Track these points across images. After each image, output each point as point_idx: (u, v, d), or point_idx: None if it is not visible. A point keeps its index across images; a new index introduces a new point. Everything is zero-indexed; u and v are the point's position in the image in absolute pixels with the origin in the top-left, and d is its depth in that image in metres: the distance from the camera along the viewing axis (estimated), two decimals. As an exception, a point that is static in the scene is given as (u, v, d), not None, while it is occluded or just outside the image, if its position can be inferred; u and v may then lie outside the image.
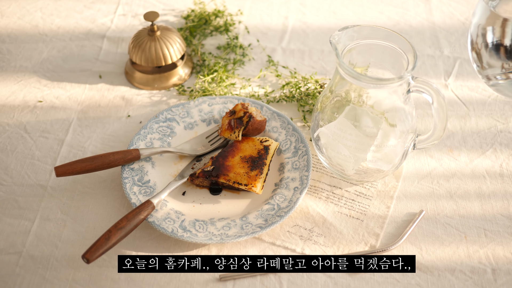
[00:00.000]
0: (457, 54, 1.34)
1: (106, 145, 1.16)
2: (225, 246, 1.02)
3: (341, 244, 1.02)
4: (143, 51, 1.24)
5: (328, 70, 1.31)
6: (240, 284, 0.97)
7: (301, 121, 1.20)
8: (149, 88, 1.26)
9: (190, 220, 1.02)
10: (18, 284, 0.97)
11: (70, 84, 1.28)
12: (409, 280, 0.98)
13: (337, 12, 1.45)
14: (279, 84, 1.28)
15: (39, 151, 1.15)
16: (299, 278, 0.98)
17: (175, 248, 1.01)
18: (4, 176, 1.11)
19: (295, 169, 1.09)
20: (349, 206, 1.07)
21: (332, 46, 0.98)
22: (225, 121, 1.12)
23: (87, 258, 0.92)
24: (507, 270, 0.99)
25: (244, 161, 1.07)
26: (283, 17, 1.44)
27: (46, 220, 1.05)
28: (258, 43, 1.37)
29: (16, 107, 1.23)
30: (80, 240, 1.02)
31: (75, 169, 1.04)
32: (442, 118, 1.00)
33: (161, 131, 1.15)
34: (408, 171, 1.12)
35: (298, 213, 1.05)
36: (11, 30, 1.39)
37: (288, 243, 1.02)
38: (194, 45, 1.35)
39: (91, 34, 1.39)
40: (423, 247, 1.01)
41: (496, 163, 1.13)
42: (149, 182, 1.07)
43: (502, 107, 1.23)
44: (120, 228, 0.96)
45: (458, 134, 1.18)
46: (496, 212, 1.06)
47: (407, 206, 1.07)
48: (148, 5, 1.46)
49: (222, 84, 1.25)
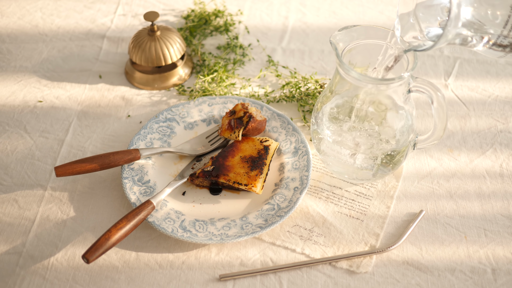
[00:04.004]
0: (457, 54, 1.34)
1: (106, 145, 1.16)
2: (225, 246, 1.02)
3: (341, 244, 1.02)
4: (143, 51, 1.24)
5: (328, 70, 1.31)
6: (240, 284, 0.97)
7: (301, 121, 1.20)
8: (149, 88, 1.26)
9: (190, 220, 1.02)
10: (18, 284, 0.97)
11: (70, 84, 1.28)
12: (409, 280, 0.98)
13: (337, 12, 1.45)
14: (279, 84, 1.28)
15: (39, 151, 1.15)
16: (299, 278, 0.98)
17: (175, 248, 1.01)
18: (4, 176, 1.11)
19: (295, 169, 1.09)
20: (349, 206, 1.07)
21: (332, 46, 0.98)
22: (225, 121, 1.12)
23: (87, 258, 0.92)
24: (507, 270, 0.99)
25: (244, 161, 1.07)
26: (283, 17, 1.44)
27: (46, 220, 1.05)
28: (258, 43, 1.37)
29: (16, 107, 1.23)
30: (80, 240, 1.02)
31: (75, 169, 1.04)
32: (442, 118, 1.00)
33: (161, 131, 1.15)
34: (408, 171, 1.12)
35: (298, 213, 1.05)
36: (11, 30, 1.39)
37: (288, 243, 1.02)
38: (194, 45, 1.35)
39: (91, 34, 1.39)
40: (423, 247, 1.01)
41: (496, 163, 1.13)
42: (149, 182, 1.07)
43: (502, 107, 1.23)
44: (120, 228, 0.96)
45: (458, 134, 1.18)
46: (496, 212, 1.06)
47: (407, 206, 1.07)
48: (148, 5, 1.46)
49: (222, 84, 1.25)
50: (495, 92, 1.26)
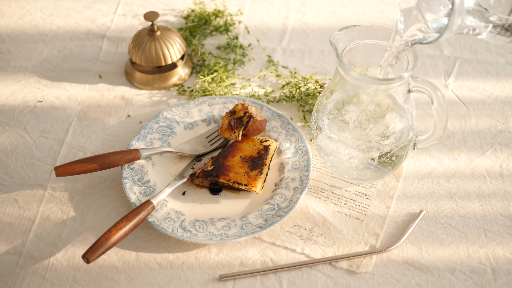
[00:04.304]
0: (457, 54, 1.34)
1: (106, 145, 1.16)
2: (225, 246, 1.02)
3: (341, 244, 1.02)
4: (143, 51, 1.24)
5: (328, 70, 1.31)
6: (240, 284, 0.97)
7: (301, 121, 1.20)
8: (149, 88, 1.26)
9: (190, 220, 1.02)
10: (18, 284, 0.97)
11: (70, 84, 1.28)
12: (409, 280, 0.98)
13: (337, 12, 1.45)
14: (279, 84, 1.28)
15: (39, 151, 1.15)
16: (299, 278, 0.98)
17: (175, 248, 1.01)
18: (4, 176, 1.11)
19: (295, 169, 1.09)
20: (349, 206, 1.07)
21: (332, 46, 0.98)
22: (225, 121, 1.12)
23: (87, 258, 0.92)
24: (507, 270, 0.99)
25: (244, 161, 1.07)
26: (283, 17, 1.44)
27: (46, 220, 1.05)
28: (258, 43, 1.37)
29: (16, 107, 1.23)
30: (80, 240, 1.02)
31: (75, 169, 1.04)
32: (442, 118, 1.00)
33: (161, 131, 1.15)
34: (408, 171, 1.12)
35: (298, 213, 1.05)
36: (11, 30, 1.39)
37: (288, 243, 1.02)
38: (194, 45, 1.35)
39: (91, 34, 1.39)
40: (423, 247, 1.01)
41: (496, 163, 1.13)
42: (149, 182, 1.07)
43: (502, 107, 1.23)
44: (120, 228, 0.96)
45: (458, 134, 1.18)
46: (496, 212, 1.06)
47: (407, 206, 1.07)
48: (148, 5, 1.46)
49: (222, 84, 1.25)
50: (495, 92, 1.26)
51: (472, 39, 1.37)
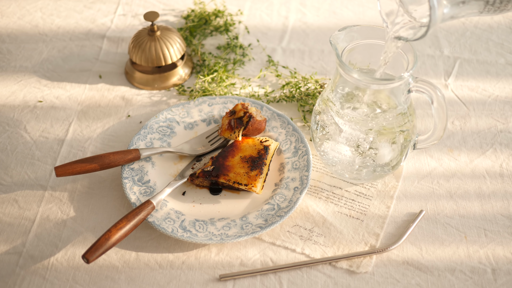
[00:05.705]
0: (457, 54, 1.34)
1: (106, 145, 1.16)
2: (225, 246, 1.02)
3: (341, 244, 1.02)
4: (143, 51, 1.24)
5: (328, 70, 1.31)
6: (240, 284, 0.97)
7: (301, 121, 1.20)
8: (149, 88, 1.26)
9: (190, 220, 1.02)
10: (18, 284, 0.97)
11: (70, 84, 1.28)
12: (409, 280, 0.98)
13: (337, 12, 1.45)
14: (279, 84, 1.28)
15: (39, 151, 1.15)
16: (299, 278, 0.98)
17: (175, 248, 1.01)
18: (4, 176, 1.11)
19: (295, 169, 1.09)
20: (349, 206, 1.07)
21: (332, 46, 0.98)
22: (225, 121, 1.12)
23: (87, 258, 0.92)
24: (507, 270, 0.99)
25: (244, 161, 1.07)
26: (283, 17, 1.44)
27: (46, 220, 1.05)
28: (258, 43, 1.37)
29: (16, 107, 1.23)
30: (80, 240, 1.02)
31: (75, 169, 1.04)
32: (442, 118, 1.00)
33: (161, 131, 1.15)
34: (408, 171, 1.12)
35: (298, 213, 1.05)
36: (11, 30, 1.39)
37: (288, 243, 1.02)
38: (194, 45, 1.35)
39: (91, 34, 1.39)
40: (423, 247, 1.01)
41: (496, 163, 1.13)
42: (149, 182, 1.07)
43: (502, 107, 1.23)
44: (120, 228, 0.96)
45: (458, 134, 1.18)
46: (496, 212, 1.06)
47: (407, 206, 1.07)
48: (148, 5, 1.46)
49: (222, 84, 1.25)
50: (495, 92, 1.26)
51: (472, 39, 1.37)
